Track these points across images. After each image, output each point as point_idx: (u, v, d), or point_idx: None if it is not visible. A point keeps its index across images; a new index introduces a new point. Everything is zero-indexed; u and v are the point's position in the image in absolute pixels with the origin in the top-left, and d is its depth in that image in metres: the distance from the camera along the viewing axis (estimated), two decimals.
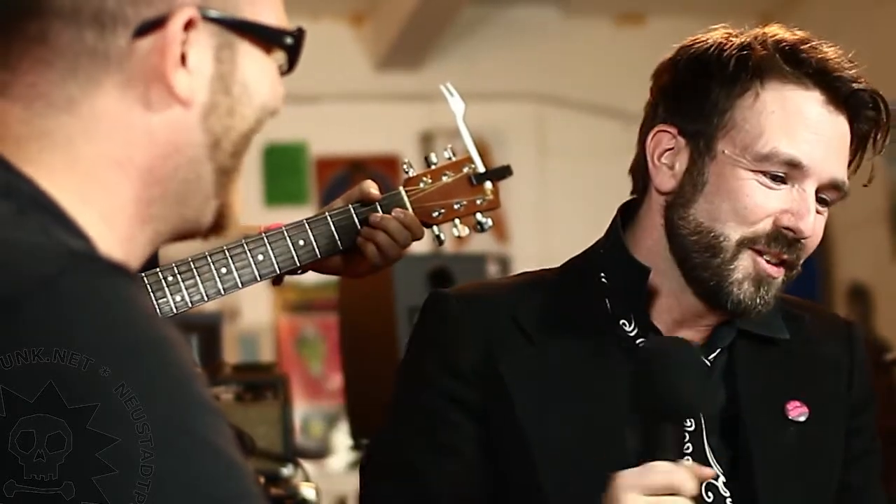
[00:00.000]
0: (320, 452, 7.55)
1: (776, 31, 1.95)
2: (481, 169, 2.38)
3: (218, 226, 1.30)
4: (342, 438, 7.17)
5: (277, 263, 2.33)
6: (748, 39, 1.94)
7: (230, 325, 6.96)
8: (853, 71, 1.93)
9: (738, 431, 1.88)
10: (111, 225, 1.21)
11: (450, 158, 2.40)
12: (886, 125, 1.96)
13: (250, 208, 7.69)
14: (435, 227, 2.40)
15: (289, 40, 1.26)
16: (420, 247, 2.65)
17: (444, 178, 2.39)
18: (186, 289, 2.31)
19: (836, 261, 8.15)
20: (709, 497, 1.90)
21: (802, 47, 1.92)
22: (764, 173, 1.88)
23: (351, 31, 8.18)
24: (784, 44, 1.93)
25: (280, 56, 1.27)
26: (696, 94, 1.93)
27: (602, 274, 1.97)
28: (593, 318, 1.95)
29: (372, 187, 2.35)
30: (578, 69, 8.05)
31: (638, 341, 1.93)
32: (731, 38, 1.94)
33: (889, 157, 7.76)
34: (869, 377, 2.07)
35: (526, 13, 8.09)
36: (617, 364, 1.92)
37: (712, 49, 1.94)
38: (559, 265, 2.06)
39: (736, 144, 1.90)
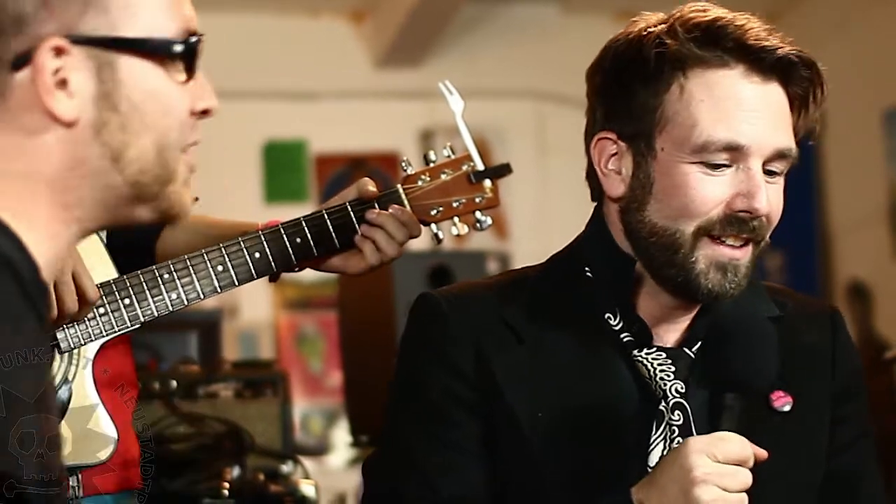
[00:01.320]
0: (320, 449, 7.54)
1: (690, 14, 1.92)
2: (480, 167, 2.38)
3: (165, 220, 1.41)
4: (342, 435, 7.16)
5: (274, 261, 2.33)
6: (665, 29, 1.91)
7: (230, 323, 6.95)
8: (774, 37, 1.90)
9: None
10: (37, 233, 1.30)
11: (449, 156, 2.39)
12: (821, 81, 1.94)
13: (250, 205, 7.67)
14: (433, 226, 2.40)
15: (177, 48, 1.31)
16: (420, 244, 2.65)
17: (443, 176, 2.38)
18: (182, 286, 2.30)
19: (836, 259, 8.14)
20: None
21: (717, 25, 1.89)
22: (705, 163, 1.87)
23: (351, 29, 8.17)
24: (697, 28, 1.89)
25: (180, 64, 1.32)
26: (626, 96, 1.93)
27: (587, 268, 1.98)
28: (579, 313, 1.95)
29: (369, 185, 2.35)
30: (578, 67, 7.99)
31: (622, 335, 1.94)
32: (649, 31, 1.92)
33: (890, 157, 7.77)
34: (856, 364, 2.05)
35: (525, 11, 8.08)
36: (604, 358, 1.93)
37: (632, 47, 1.92)
38: (543, 261, 2.06)
39: (673, 140, 1.89)
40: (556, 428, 1.90)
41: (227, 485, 3.08)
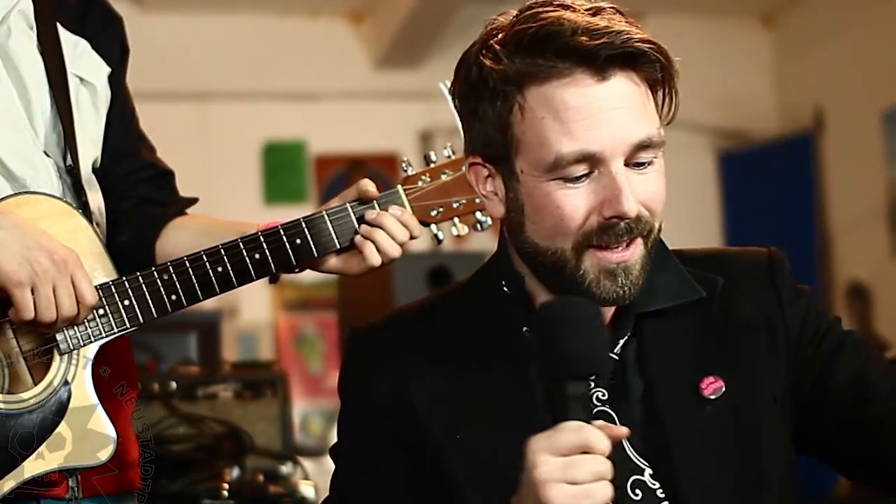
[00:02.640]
0: (319, 450, 7.53)
1: (518, 26, 1.84)
2: None
3: None
4: None
5: (273, 262, 2.33)
6: (493, 48, 1.85)
7: (229, 323, 6.95)
8: (612, 28, 1.81)
9: (653, 418, 1.85)
10: None
11: (449, 157, 2.39)
12: (668, 57, 1.84)
13: (249, 206, 7.68)
14: (433, 226, 2.40)
15: None
16: (419, 245, 2.65)
17: (444, 177, 2.38)
18: (182, 288, 2.30)
19: (835, 260, 8.15)
20: (636, 495, 1.85)
21: (542, 34, 1.81)
22: (563, 178, 1.82)
23: (350, 30, 8.17)
24: (522, 41, 1.82)
25: None
26: (478, 121, 1.88)
27: (503, 282, 1.96)
28: (498, 329, 1.93)
29: (370, 185, 2.35)
30: None
31: None
32: (482, 51, 1.86)
33: (890, 157, 7.77)
34: (805, 300, 1.98)
35: None
36: (526, 373, 1.89)
37: (473, 70, 1.87)
38: (470, 276, 2.05)
39: (528, 161, 1.84)
40: (480, 449, 1.87)
41: (226, 485, 3.08)
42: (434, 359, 1.93)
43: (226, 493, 3.07)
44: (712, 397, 1.89)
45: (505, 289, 1.96)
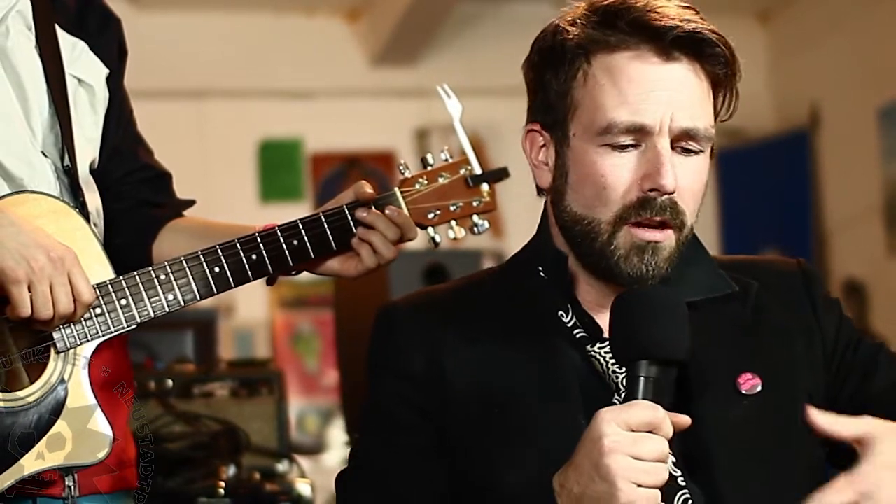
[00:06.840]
0: (316, 448, 7.55)
1: (591, 1, 1.93)
2: (478, 171, 2.39)
3: None
4: (337, 434, 7.16)
5: (271, 264, 2.34)
6: (570, 17, 1.93)
7: (226, 321, 6.95)
8: (684, 16, 1.88)
9: (689, 410, 1.86)
10: None
11: (446, 160, 2.40)
12: (734, 57, 1.93)
13: (245, 204, 7.67)
14: (430, 229, 2.40)
15: None
16: (415, 244, 2.65)
17: (441, 180, 2.39)
18: (179, 288, 2.31)
19: (831, 257, 8.15)
20: None
21: (618, 7, 1.90)
22: (612, 146, 1.88)
23: (346, 27, 8.17)
24: (598, 12, 1.91)
25: None
26: (543, 86, 1.96)
27: (540, 268, 1.99)
28: (534, 313, 1.96)
29: (366, 187, 2.36)
30: None
31: (575, 332, 1.94)
32: (560, 23, 1.94)
33: (886, 154, 7.76)
34: (836, 310, 2.04)
35: (521, 8, 8.08)
36: (559, 356, 1.93)
37: (546, 38, 1.95)
38: (506, 260, 2.09)
39: (582, 125, 1.91)
40: (512, 427, 1.90)
41: (222, 484, 3.08)
42: (467, 336, 1.96)
43: (222, 491, 3.07)
44: (749, 394, 1.92)
45: (542, 273, 1.99)
